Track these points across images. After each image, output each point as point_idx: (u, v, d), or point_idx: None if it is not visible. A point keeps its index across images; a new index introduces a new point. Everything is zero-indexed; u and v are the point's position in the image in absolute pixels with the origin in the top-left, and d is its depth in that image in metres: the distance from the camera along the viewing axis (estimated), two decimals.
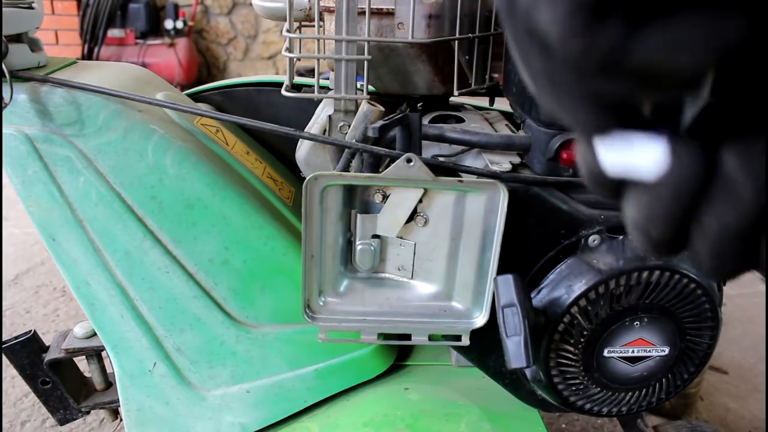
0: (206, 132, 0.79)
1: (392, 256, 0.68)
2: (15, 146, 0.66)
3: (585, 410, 0.69)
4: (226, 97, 0.96)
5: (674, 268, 0.62)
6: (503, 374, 0.74)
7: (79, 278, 0.72)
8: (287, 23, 0.69)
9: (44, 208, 0.69)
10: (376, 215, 0.65)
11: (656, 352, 0.65)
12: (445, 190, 0.63)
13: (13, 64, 0.65)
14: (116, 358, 0.76)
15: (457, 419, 0.77)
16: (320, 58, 0.68)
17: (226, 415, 0.78)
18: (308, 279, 0.64)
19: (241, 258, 0.74)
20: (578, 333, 0.63)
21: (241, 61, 4.29)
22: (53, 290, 1.84)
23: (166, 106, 0.69)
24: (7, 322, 1.66)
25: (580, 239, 0.65)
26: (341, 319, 0.67)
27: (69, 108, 0.67)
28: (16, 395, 1.39)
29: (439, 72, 0.76)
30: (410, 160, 0.59)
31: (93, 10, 3.45)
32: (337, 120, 0.70)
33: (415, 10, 0.66)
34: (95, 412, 0.96)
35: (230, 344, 0.77)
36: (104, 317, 0.74)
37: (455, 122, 0.80)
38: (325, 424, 0.78)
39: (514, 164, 0.66)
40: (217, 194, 0.72)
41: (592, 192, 0.31)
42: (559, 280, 0.65)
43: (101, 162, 0.68)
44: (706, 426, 0.95)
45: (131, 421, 0.78)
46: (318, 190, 0.60)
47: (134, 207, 0.70)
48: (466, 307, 0.68)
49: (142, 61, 3.60)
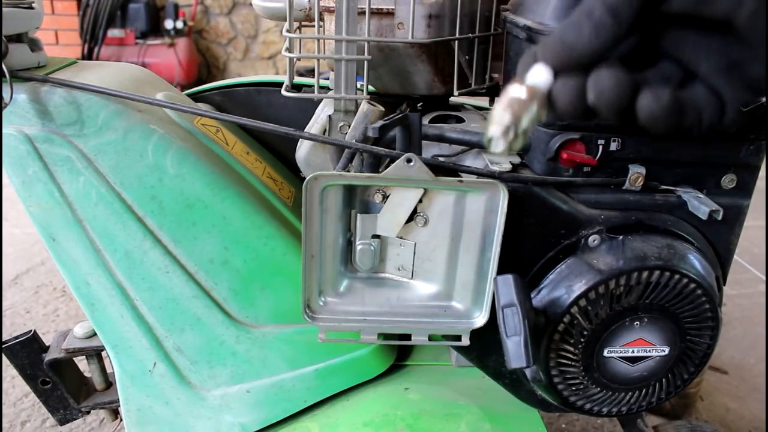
0: (206, 132, 0.79)
1: (392, 256, 0.68)
2: (15, 146, 0.66)
3: (585, 410, 0.69)
4: (226, 97, 0.96)
5: (674, 268, 0.62)
6: (503, 374, 0.74)
7: (79, 278, 0.72)
8: (287, 23, 0.69)
9: (44, 208, 0.69)
10: (376, 215, 0.65)
11: (656, 352, 0.65)
12: (445, 190, 0.63)
13: (13, 64, 0.65)
14: (116, 358, 0.76)
15: (457, 419, 0.77)
16: (320, 58, 0.68)
17: (226, 415, 0.78)
18: (308, 279, 0.64)
19: (241, 258, 0.74)
20: (578, 333, 0.63)
21: (241, 61, 4.30)
22: (53, 290, 1.84)
23: (166, 106, 0.69)
24: (7, 322, 1.66)
25: (580, 239, 0.65)
26: (341, 319, 0.67)
27: (69, 108, 0.67)
28: (16, 395, 1.39)
29: (439, 72, 0.76)
30: (410, 160, 0.59)
31: (93, 10, 3.45)
32: (337, 120, 0.70)
33: (415, 10, 0.66)
34: (95, 412, 0.96)
35: (230, 344, 0.77)
36: (104, 317, 0.74)
37: (455, 122, 0.80)
38: (325, 424, 0.78)
39: (514, 164, 0.66)
40: (217, 194, 0.72)
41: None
42: (559, 280, 0.65)
43: (101, 162, 0.68)
44: (706, 426, 0.95)
45: (131, 421, 0.78)
46: (318, 190, 0.60)
47: (134, 207, 0.70)
48: (466, 307, 0.68)
49: (142, 61, 3.60)
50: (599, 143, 0.63)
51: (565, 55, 0.38)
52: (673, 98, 0.37)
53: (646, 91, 0.37)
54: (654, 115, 0.37)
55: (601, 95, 0.37)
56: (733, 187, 0.66)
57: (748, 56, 0.37)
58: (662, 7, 0.37)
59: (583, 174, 0.64)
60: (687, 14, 0.37)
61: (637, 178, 0.63)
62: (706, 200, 0.63)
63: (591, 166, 0.64)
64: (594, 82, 0.38)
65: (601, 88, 0.37)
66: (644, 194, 0.65)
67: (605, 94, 0.37)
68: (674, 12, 0.37)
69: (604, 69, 0.38)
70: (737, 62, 0.38)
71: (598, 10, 0.37)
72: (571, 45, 0.38)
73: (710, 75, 0.39)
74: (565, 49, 0.38)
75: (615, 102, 0.38)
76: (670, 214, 0.66)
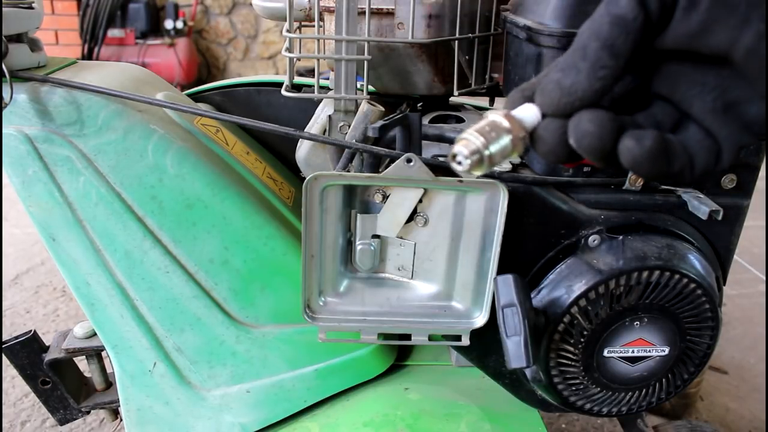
0: (206, 132, 0.79)
1: (392, 256, 0.68)
2: (15, 146, 0.66)
3: (585, 410, 0.69)
4: (226, 97, 0.96)
5: (674, 268, 0.62)
6: (503, 374, 0.74)
7: (79, 278, 0.72)
8: (287, 23, 0.69)
9: (44, 208, 0.69)
10: (376, 215, 0.65)
11: (656, 352, 0.65)
12: (445, 190, 0.63)
13: (13, 64, 0.65)
14: (116, 358, 0.76)
15: (457, 419, 0.77)
16: (320, 58, 0.68)
17: (226, 415, 0.78)
18: (308, 279, 0.64)
19: (241, 258, 0.74)
20: (578, 333, 0.63)
21: (241, 61, 4.30)
22: (53, 290, 1.84)
23: (166, 106, 0.69)
24: (7, 322, 1.66)
25: (580, 239, 0.65)
26: (341, 319, 0.67)
27: (69, 108, 0.67)
28: (16, 395, 1.39)
29: (439, 72, 0.76)
30: (410, 160, 0.59)
31: (93, 10, 3.45)
32: (337, 120, 0.70)
33: (415, 10, 0.66)
34: (95, 412, 0.96)
35: (230, 344, 0.77)
36: (104, 317, 0.74)
37: (455, 122, 0.80)
38: (325, 424, 0.78)
39: (514, 164, 0.66)
40: (217, 194, 0.72)
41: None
42: (559, 280, 0.65)
43: (101, 162, 0.68)
44: (706, 426, 0.95)
45: (131, 421, 0.78)
46: (318, 190, 0.60)
47: (134, 207, 0.70)
48: (466, 307, 0.68)
49: (142, 61, 3.60)
50: None
51: (565, 100, 0.35)
52: (659, 142, 0.34)
53: (628, 135, 0.34)
54: (636, 161, 0.34)
55: (582, 139, 0.35)
56: (732, 187, 0.66)
57: (746, 94, 0.34)
58: (656, 43, 0.34)
59: (583, 174, 0.64)
60: (682, 50, 0.34)
61: (637, 179, 0.63)
62: (706, 200, 0.63)
63: (591, 166, 0.64)
64: (575, 124, 0.35)
65: (582, 131, 0.35)
66: (644, 194, 0.65)
67: (587, 138, 0.35)
68: (668, 48, 0.34)
69: (586, 111, 0.35)
70: (734, 101, 0.35)
71: (591, 47, 0.34)
72: (570, 89, 0.35)
73: (705, 115, 0.36)
74: (564, 93, 0.35)
75: (597, 146, 0.35)
76: (670, 214, 0.66)
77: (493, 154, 0.35)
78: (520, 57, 0.65)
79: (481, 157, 0.35)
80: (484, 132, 0.35)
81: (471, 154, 0.35)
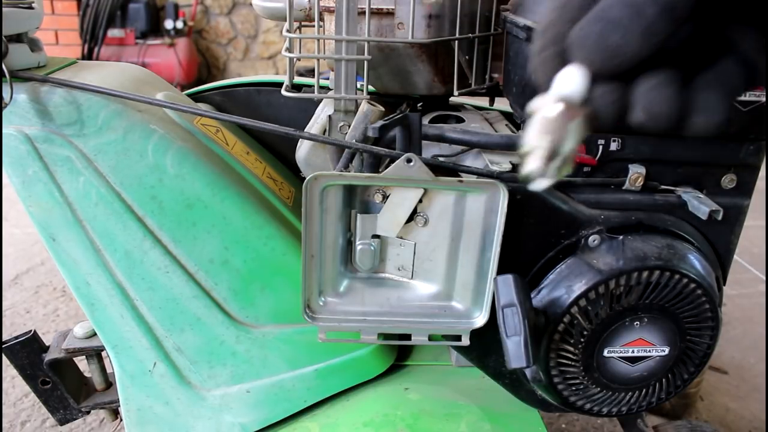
0: (206, 132, 0.79)
1: (392, 256, 0.68)
2: (15, 146, 0.66)
3: (585, 410, 0.69)
4: (226, 97, 0.96)
5: (674, 268, 0.62)
6: (503, 374, 0.74)
7: (79, 278, 0.72)
8: (287, 23, 0.69)
9: (44, 208, 0.69)
10: (376, 215, 0.65)
11: (656, 352, 0.65)
12: (445, 190, 0.63)
13: (13, 64, 0.65)
14: (116, 358, 0.76)
15: (457, 419, 0.77)
16: (320, 58, 0.68)
17: (226, 415, 0.78)
18: (308, 279, 0.64)
19: (241, 258, 0.74)
20: (578, 333, 0.63)
21: (241, 61, 4.30)
22: (53, 290, 1.84)
23: (166, 106, 0.69)
24: (7, 322, 1.66)
25: (580, 239, 0.65)
26: (341, 319, 0.67)
27: (69, 108, 0.67)
28: (16, 395, 1.39)
29: (439, 72, 0.76)
30: (410, 160, 0.59)
31: (93, 10, 3.45)
32: (337, 120, 0.70)
33: (415, 10, 0.66)
34: (95, 412, 0.96)
35: (230, 344, 0.77)
36: (104, 317, 0.74)
37: (455, 122, 0.80)
38: (325, 424, 0.78)
39: (514, 164, 0.66)
40: (217, 194, 0.72)
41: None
42: (559, 280, 0.65)
43: (101, 162, 0.68)
44: (706, 426, 0.95)
45: (131, 421, 0.78)
46: (318, 190, 0.60)
47: (134, 207, 0.70)
48: (466, 307, 0.68)
49: (142, 61, 3.60)
50: (599, 143, 0.63)
51: (609, 60, 0.32)
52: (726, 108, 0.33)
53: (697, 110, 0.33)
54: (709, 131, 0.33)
55: (651, 113, 0.33)
56: (733, 187, 0.66)
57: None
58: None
59: (583, 174, 0.64)
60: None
61: (637, 178, 0.63)
62: (706, 200, 0.63)
63: (591, 166, 0.64)
64: (643, 97, 0.33)
65: (651, 105, 0.33)
66: (644, 194, 0.65)
67: (656, 113, 0.33)
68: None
69: (654, 81, 0.33)
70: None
71: (650, 9, 0.30)
72: (617, 49, 0.32)
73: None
74: (609, 52, 0.32)
75: (666, 119, 0.33)
76: (670, 214, 0.66)
77: (568, 149, 0.33)
78: (520, 57, 0.65)
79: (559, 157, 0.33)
80: (546, 132, 0.33)
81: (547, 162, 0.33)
